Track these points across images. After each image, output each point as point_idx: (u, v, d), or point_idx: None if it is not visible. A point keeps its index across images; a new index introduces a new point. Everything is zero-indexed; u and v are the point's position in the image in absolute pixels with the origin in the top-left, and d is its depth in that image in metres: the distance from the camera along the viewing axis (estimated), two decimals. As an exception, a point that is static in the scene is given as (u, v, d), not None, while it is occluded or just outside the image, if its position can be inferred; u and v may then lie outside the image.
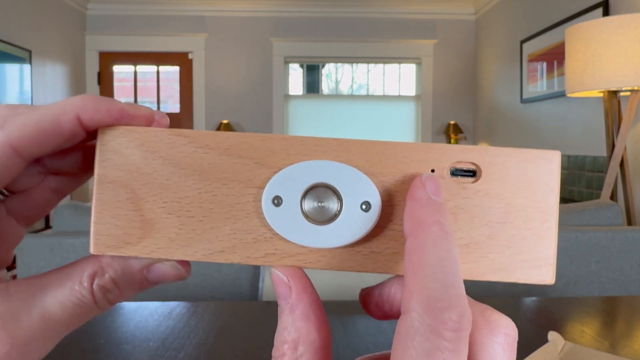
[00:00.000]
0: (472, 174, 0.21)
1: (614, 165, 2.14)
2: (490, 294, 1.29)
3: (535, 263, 0.20)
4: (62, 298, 0.20)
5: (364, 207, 0.20)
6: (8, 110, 0.19)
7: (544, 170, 0.20)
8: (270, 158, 0.20)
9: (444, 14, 5.04)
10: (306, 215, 0.20)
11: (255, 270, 1.23)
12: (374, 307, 0.22)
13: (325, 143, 0.21)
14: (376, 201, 0.20)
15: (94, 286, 0.20)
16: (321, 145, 0.21)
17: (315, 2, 4.89)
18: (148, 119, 0.21)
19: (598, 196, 2.92)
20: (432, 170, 0.20)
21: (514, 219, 0.20)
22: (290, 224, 0.20)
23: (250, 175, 0.20)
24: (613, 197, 2.27)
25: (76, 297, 0.20)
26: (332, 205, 0.20)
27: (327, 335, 0.19)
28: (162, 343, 0.65)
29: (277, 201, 0.20)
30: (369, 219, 0.20)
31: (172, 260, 0.21)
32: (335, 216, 0.20)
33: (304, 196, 0.20)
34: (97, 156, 0.20)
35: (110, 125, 0.20)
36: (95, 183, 0.21)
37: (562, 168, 3.37)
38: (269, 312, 0.78)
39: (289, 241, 0.20)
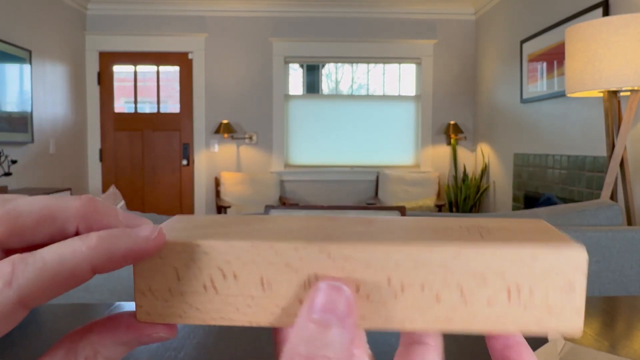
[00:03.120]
0: None
1: (614, 165, 2.13)
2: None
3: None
4: None
5: None
6: (11, 265, 0.18)
7: None
8: None
9: (444, 14, 5.04)
10: None
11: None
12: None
13: None
14: None
15: None
16: None
17: (315, 2, 4.89)
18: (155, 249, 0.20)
19: (598, 196, 2.92)
20: None
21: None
22: None
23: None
24: (613, 197, 2.27)
25: None
26: None
27: None
28: (162, 343, 0.65)
29: None
30: None
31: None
32: None
33: None
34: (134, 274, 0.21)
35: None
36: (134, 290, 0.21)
37: (562, 168, 3.37)
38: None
39: None
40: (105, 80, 4.98)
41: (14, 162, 3.62)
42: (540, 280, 0.18)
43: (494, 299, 0.18)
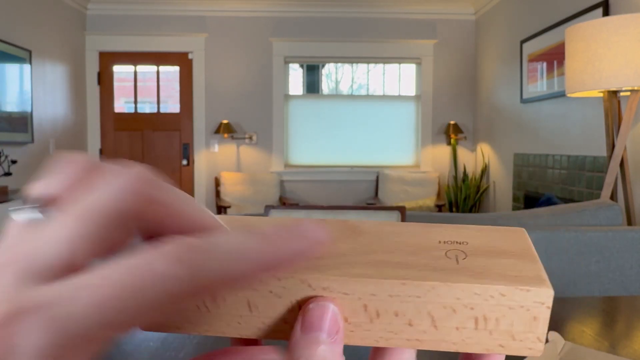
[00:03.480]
0: None
1: (614, 165, 2.14)
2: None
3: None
4: None
5: None
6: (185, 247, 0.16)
7: None
8: None
9: (444, 14, 5.04)
10: None
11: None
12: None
13: None
14: None
15: None
16: None
17: (315, 2, 4.89)
18: None
19: (598, 196, 2.92)
20: None
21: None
22: None
23: None
24: (613, 197, 2.27)
25: None
26: None
27: None
28: (162, 343, 0.65)
29: None
30: None
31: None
32: None
33: None
34: None
35: None
36: None
37: (562, 168, 3.37)
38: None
39: None
40: (105, 80, 4.98)
41: (14, 162, 3.62)
42: (507, 312, 0.20)
43: (462, 326, 0.20)
